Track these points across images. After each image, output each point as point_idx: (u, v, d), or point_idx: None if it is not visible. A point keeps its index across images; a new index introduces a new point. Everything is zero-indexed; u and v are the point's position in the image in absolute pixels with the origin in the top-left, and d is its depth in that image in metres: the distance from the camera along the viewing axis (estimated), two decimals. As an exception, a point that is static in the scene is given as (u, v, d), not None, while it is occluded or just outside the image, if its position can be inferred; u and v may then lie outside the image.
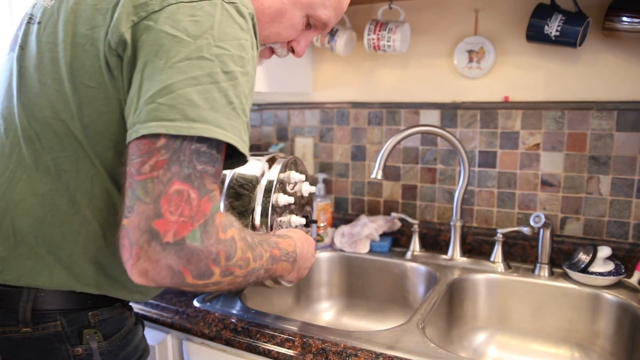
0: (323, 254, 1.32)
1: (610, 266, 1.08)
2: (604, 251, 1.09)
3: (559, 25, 1.08)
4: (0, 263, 0.65)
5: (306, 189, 1.03)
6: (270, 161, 0.96)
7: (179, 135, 0.54)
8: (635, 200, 1.16)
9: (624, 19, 1.05)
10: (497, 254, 1.20)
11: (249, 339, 0.87)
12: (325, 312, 1.30)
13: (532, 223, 1.13)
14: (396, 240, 1.38)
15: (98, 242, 0.66)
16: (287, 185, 0.97)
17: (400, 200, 1.42)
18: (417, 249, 1.30)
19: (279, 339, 0.86)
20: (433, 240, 1.35)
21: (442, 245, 1.34)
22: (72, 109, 0.62)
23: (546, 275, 1.14)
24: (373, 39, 1.26)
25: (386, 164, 1.14)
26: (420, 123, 1.36)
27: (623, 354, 1.01)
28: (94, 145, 0.63)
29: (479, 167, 1.31)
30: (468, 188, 1.31)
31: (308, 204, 1.08)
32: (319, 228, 1.35)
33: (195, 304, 0.99)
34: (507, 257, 1.23)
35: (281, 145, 1.55)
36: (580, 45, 1.10)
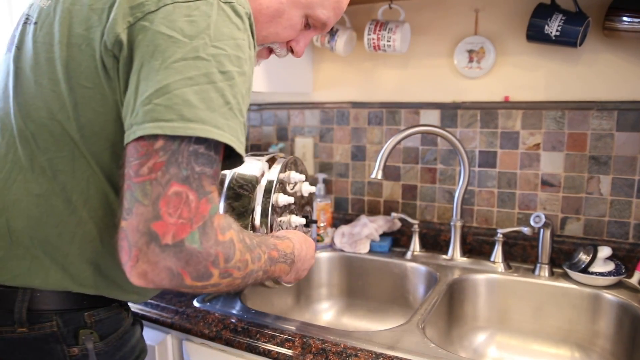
0: (323, 254, 1.32)
1: (610, 266, 1.08)
2: (604, 251, 1.09)
3: (559, 25, 1.08)
4: None
5: (306, 189, 1.03)
6: (270, 161, 0.96)
7: (177, 137, 0.53)
8: (636, 200, 1.16)
9: (625, 18, 1.05)
10: (498, 254, 1.20)
11: (249, 339, 0.87)
12: (325, 312, 1.30)
13: (533, 223, 1.13)
14: (396, 240, 1.38)
15: (94, 243, 0.65)
16: (287, 186, 0.97)
17: (400, 200, 1.42)
18: (417, 249, 1.30)
19: (278, 339, 0.86)
20: (433, 240, 1.35)
21: (442, 246, 1.33)
22: (68, 110, 0.62)
23: (546, 275, 1.13)
24: (373, 39, 1.26)
25: (386, 164, 1.13)
26: (421, 123, 1.36)
27: (623, 354, 1.01)
28: (90, 145, 0.63)
29: (479, 167, 1.30)
30: (468, 188, 1.31)
31: (308, 204, 1.08)
32: (319, 228, 1.35)
33: (195, 304, 0.99)
34: (508, 257, 1.23)
35: (281, 145, 1.54)
36: (580, 45, 1.10)
